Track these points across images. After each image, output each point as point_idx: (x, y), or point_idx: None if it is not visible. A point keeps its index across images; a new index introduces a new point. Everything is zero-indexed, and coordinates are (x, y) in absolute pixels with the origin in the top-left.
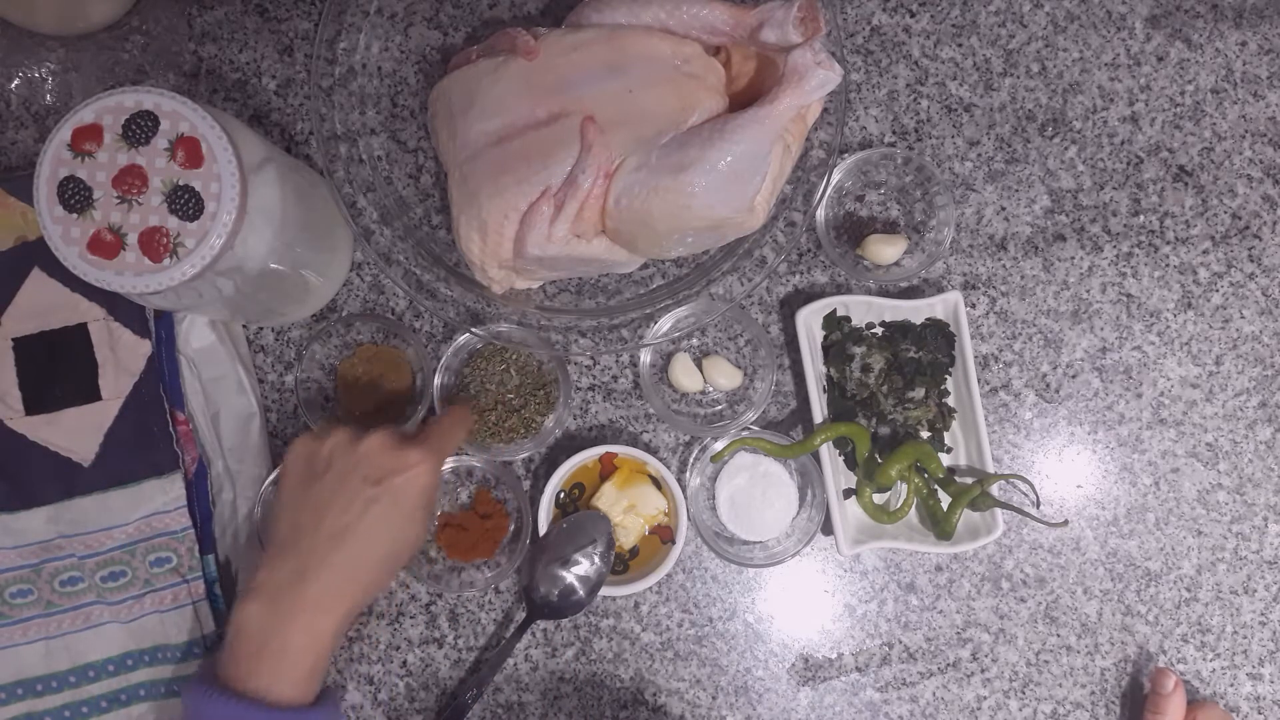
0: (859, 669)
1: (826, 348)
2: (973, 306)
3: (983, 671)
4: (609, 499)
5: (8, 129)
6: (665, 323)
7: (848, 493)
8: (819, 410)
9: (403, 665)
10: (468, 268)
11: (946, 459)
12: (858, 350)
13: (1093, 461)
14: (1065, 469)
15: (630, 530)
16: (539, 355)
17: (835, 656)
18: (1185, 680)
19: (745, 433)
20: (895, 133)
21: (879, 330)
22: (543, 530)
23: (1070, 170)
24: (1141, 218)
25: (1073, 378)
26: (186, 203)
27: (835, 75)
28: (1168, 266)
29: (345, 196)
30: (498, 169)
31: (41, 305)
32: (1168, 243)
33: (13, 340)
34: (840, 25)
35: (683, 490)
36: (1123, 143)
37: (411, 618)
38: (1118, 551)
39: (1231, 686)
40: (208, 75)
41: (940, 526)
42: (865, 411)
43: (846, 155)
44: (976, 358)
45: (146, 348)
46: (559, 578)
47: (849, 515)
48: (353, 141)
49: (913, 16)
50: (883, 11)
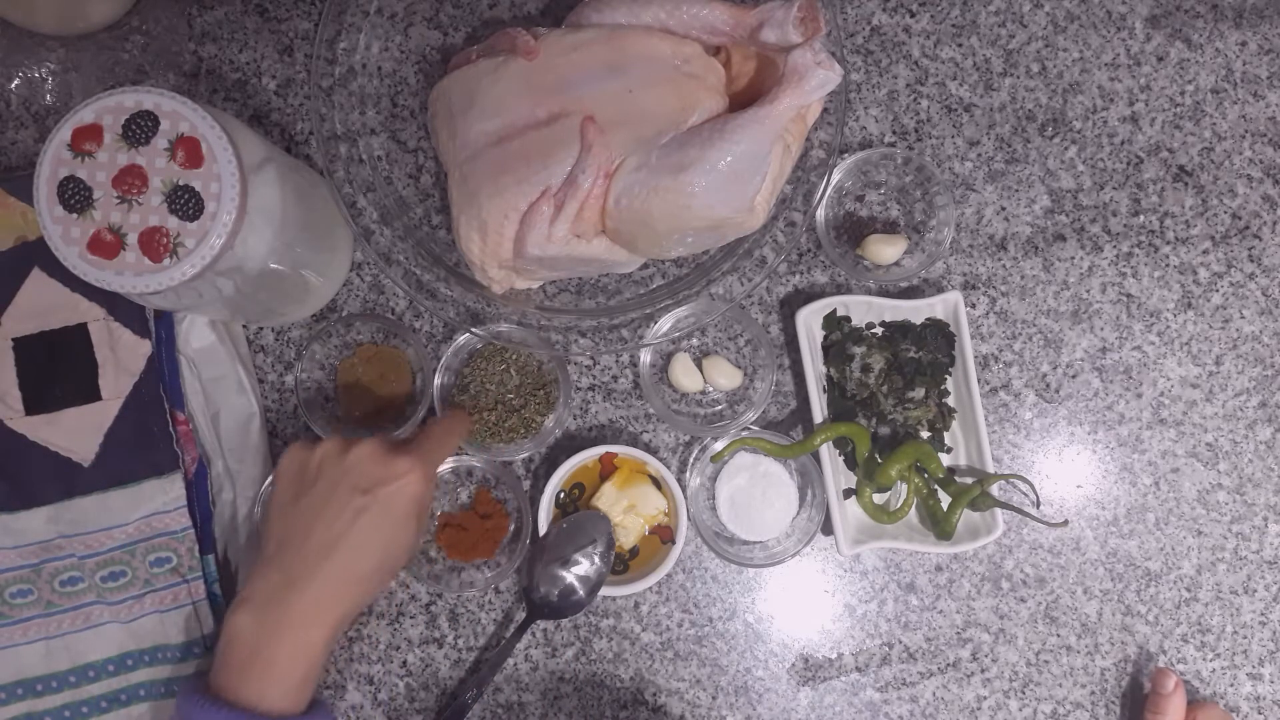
0: (859, 669)
1: (826, 348)
2: (973, 306)
3: (983, 671)
4: (609, 499)
5: (8, 129)
6: (665, 323)
7: (848, 493)
8: (819, 410)
9: (403, 665)
10: (468, 268)
11: (946, 459)
12: (858, 350)
13: (1093, 461)
14: (1065, 469)
15: (630, 530)
16: (539, 355)
17: (835, 656)
18: (1185, 680)
19: (745, 433)
20: (895, 133)
21: (879, 330)
22: (543, 530)
23: (1070, 170)
24: (1141, 218)
25: (1073, 378)
26: (186, 203)
27: (835, 75)
28: (1168, 266)
29: (345, 196)
30: (498, 169)
31: (41, 305)
32: (1168, 243)
33: (13, 340)
34: (840, 25)
35: (683, 490)
36: (1123, 143)
37: (411, 618)
38: (1118, 551)
39: (1231, 686)
40: (208, 75)
41: (940, 526)
42: (865, 411)
43: (846, 155)
44: (976, 358)
45: (146, 348)
46: (559, 578)
47: (849, 515)
48: (353, 141)
49: (913, 16)
50: (883, 11)
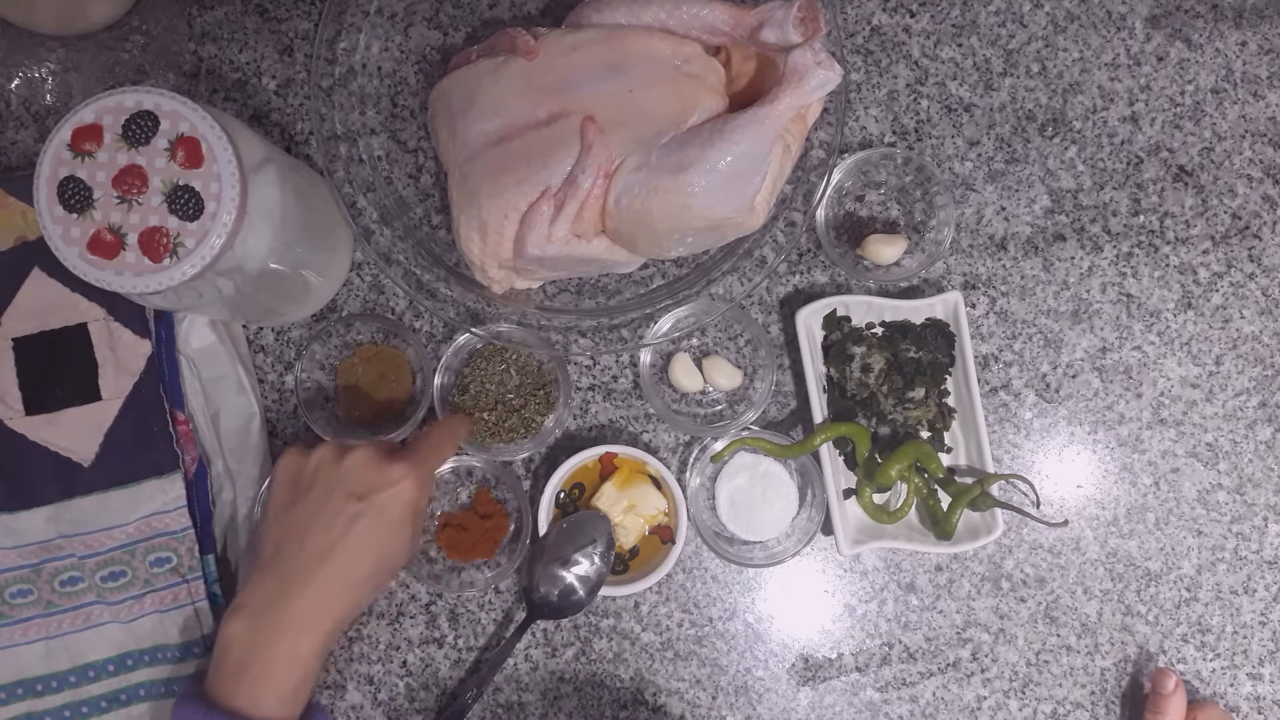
0: (859, 669)
1: (826, 348)
2: (973, 306)
3: (983, 671)
4: (609, 499)
5: (8, 129)
6: (665, 323)
7: (848, 493)
8: (819, 410)
9: (403, 665)
10: (468, 268)
11: (946, 459)
12: (858, 350)
13: (1093, 461)
14: (1065, 469)
15: (630, 530)
16: (539, 355)
17: (835, 656)
18: (1185, 680)
19: (745, 433)
20: (895, 133)
21: (879, 330)
22: (543, 530)
23: (1070, 170)
24: (1141, 218)
25: (1073, 378)
26: (186, 203)
27: (835, 75)
28: (1168, 266)
29: (345, 196)
30: (498, 169)
31: (41, 305)
32: (1168, 243)
33: (13, 340)
34: (840, 25)
35: (683, 490)
36: (1123, 143)
37: (411, 618)
38: (1118, 551)
39: (1231, 686)
40: (208, 75)
41: (940, 526)
42: (865, 411)
43: (846, 155)
44: (976, 358)
45: (146, 348)
46: (559, 578)
47: (849, 515)
48: (353, 141)
49: (913, 16)
50: (883, 11)
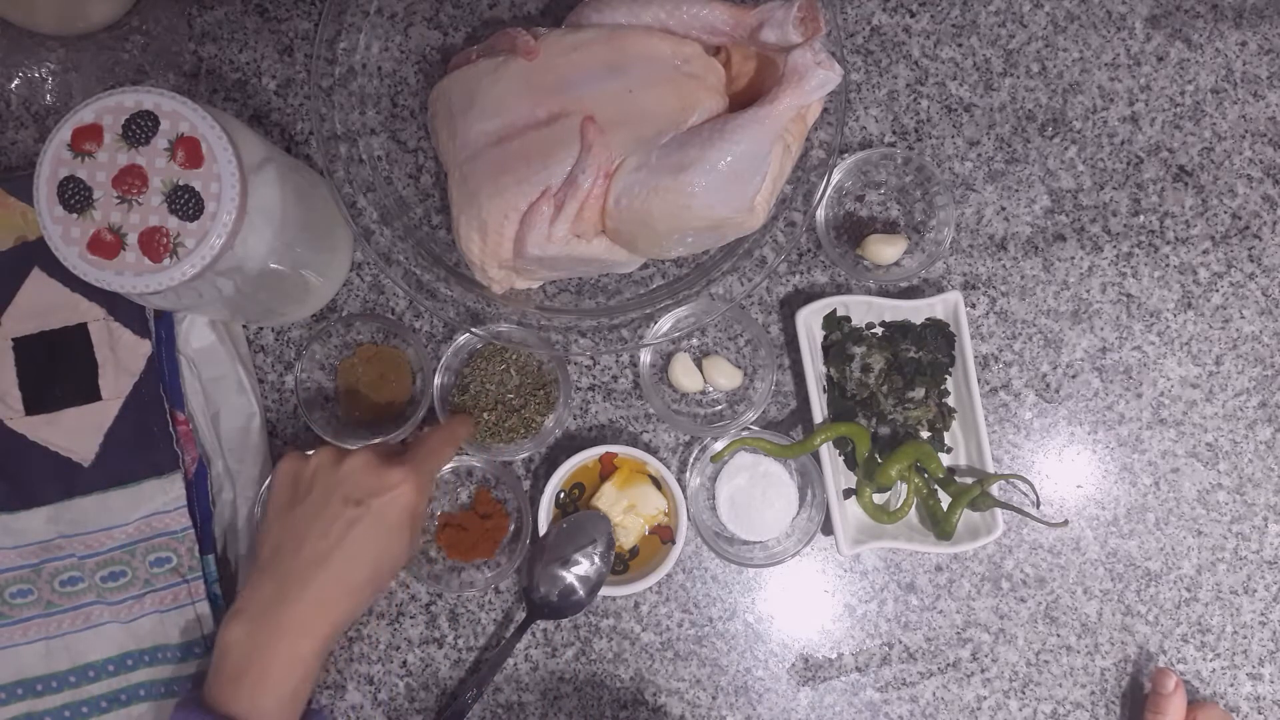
0: (859, 669)
1: (826, 348)
2: (973, 306)
3: (983, 671)
4: (609, 499)
5: (8, 129)
6: (665, 323)
7: (848, 493)
8: (819, 410)
9: (403, 665)
10: (468, 268)
11: (946, 459)
12: (858, 350)
13: (1093, 461)
14: (1065, 469)
15: (630, 530)
16: (539, 355)
17: (835, 656)
18: (1185, 680)
19: (745, 433)
20: (895, 133)
21: (879, 330)
22: (543, 530)
23: (1070, 170)
24: (1141, 218)
25: (1073, 378)
26: (186, 203)
27: (835, 75)
28: (1168, 266)
29: (345, 196)
30: (498, 169)
31: (41, 305)
32: (1168, 243)
33: (13, 340)
34: (840, 25)
35: (683, 490)
36: (1123, 143)
37: (411, 618)
38: (1118, 551)
39: (1231, 686)
40: (208, 75)
41: (940, 526)
42: (865, 411)
43: (846, 155)
44: (976, 358)
45: (146, 348)
46: (559, 578)
47: (849, 515)
48: (353, 141)
49: (913, 16)
50: (883, 11)
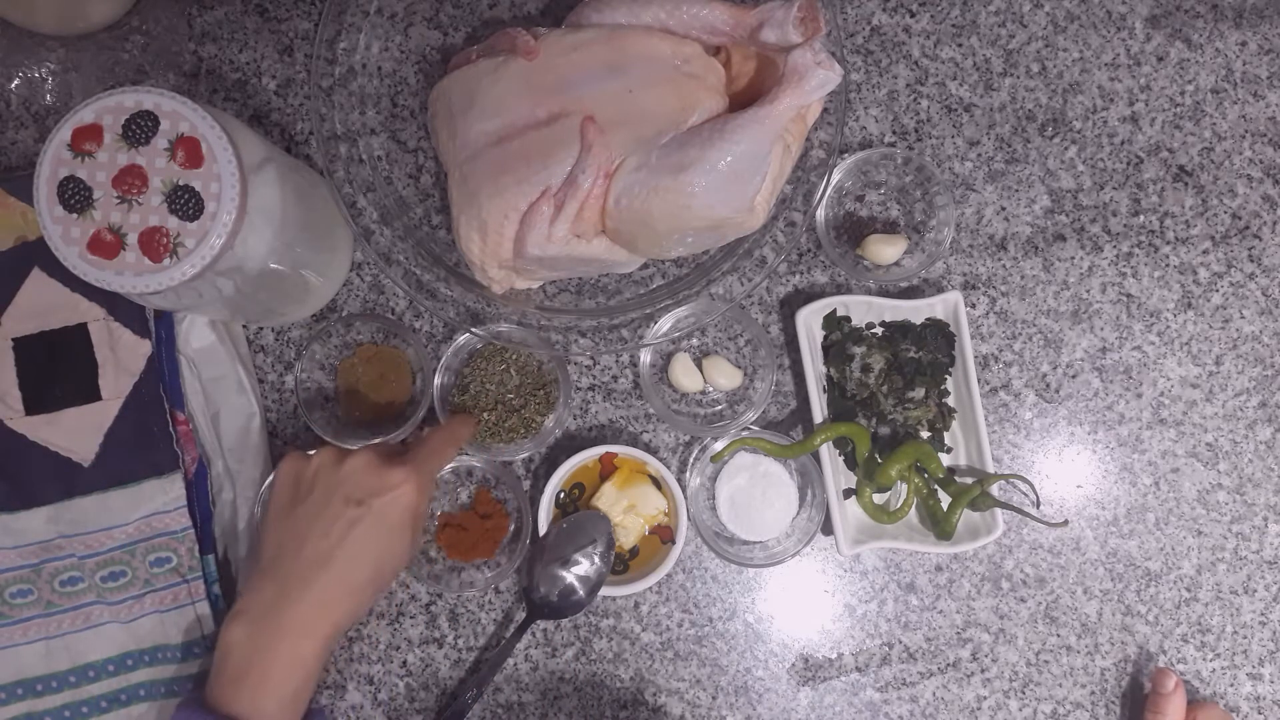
0: (859, 669)
1: (826, 348)
2: (973, 306)
3: (983, 671)
4: (609, 499)
5: (8, 129)
6: (665, 323)
7: (848, 493)
8: (819, 410)
9: (403, 665)
10: (468, 268)
11: (946, 459)
12: (858, 350)
13: (1093, 461)
14: (1065, 469)
15: (630, 530)
16: (539, 355)
17: (835, 656)
18: (1185, 680)
19: (745, 433)
20: (895, 133)
21: (879, 330)
22: (543, 530)
23: (1070, 170)
24: (1141, 218)
25: (1073, 378)
26: (186, 203)
27: (835, 75)
28: (1168, 266)
29: (345, 196)
30: (498, 169)
31: (41, 305)
32: (1168, 243)
33: (13, 340)
34: (840, 25)
35: (683, 490)
36: (1123, 143)
37: (411, 618)
38: (1118, 551)
39: (1231, 686)
40: (208, 75)
41: (940, 526)
42: (865, 411)
43: (846, 155)
44: (976, 358)
45: (146, 348)
46: (559, 578)
47: (849, 515)
48: (353, 141)
49: (913, 16)
50: (883, 11)
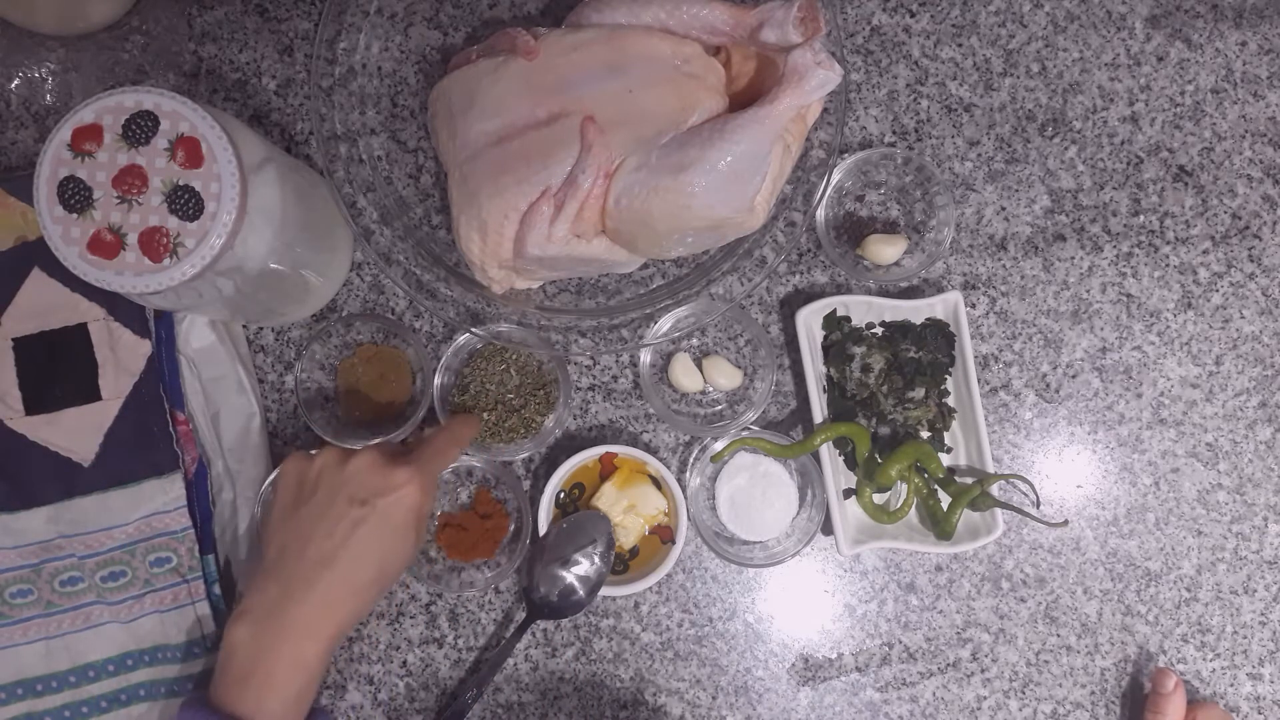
0: (859, 669)
1: (826, 348)
2: (973, 306)
3: (983, 671)
4: (609, 499)
5: (8, 129)
6: (665, 323)
7: (848, 493)
8: (819, 410)
9: (403, 665)
10: (468, 268)
11: (946, 459)
12: (858, 350)
13: (1093, 461)
14: (1065, 469)
15: (630, 530)
16: (539, 355)
17: (835, 656)
18: (1185, 680)
19: (745, 433)
20: (895, 133)
21: (879, 330)
22: (543, 530)
23: (1070, 170)
24: (1141, 218)
25: (1073, 378)
26: (186, 203)
27: (835, 75)
28: (1168, 266)
29: (345, 196)
30: (498, 169)
31: (41, 305)
32: (1168, 243)
33: (13, 340)
34: (840, 25)
35: (683, 490)
36: (1123, 143)
37: (411, 618)
38: (1118, 551)
39: (1231, 686)
40: (208, 75)
41: (940, 526)
42: (865, 411)
43: (846, 155)
44: (976, 358)
45: (146, 348)
46: (559, 578)
47: (849, 515)
48: (353, 141)
49: (913, 16)
50: (883, 11)
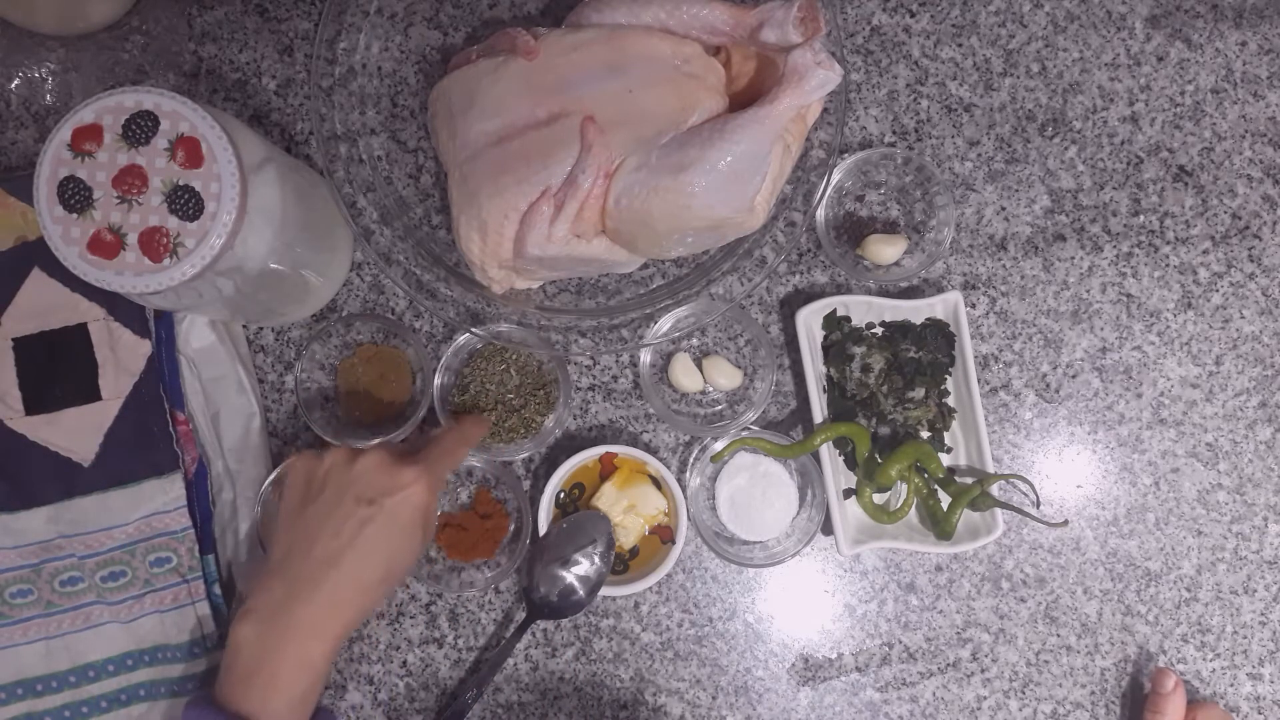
0: (859, 669)
1: (826, 348)
2: (973, 306)
3: (983, 671)
4: (609, 499)
5: (8, 129)
6: (665, 323)
7: (848, 493)
8: (819, 410)
9: (403, 665)
10: (468, 268)
11: (946, 459)
12: (858, 350)
13: (1093, 461)
14: (1065, 469)
15: (630, 530)
16: (539, 355)
17: (835, 656)
18: (1185, 680)
19: (745, 433)
20: (895, 133)
21: (879, 330)
22: (543, 530)
23: (1070, 170)
24: (1141, 218)
25: (1073, 378)
26: (186, 203)
27: (835, 75)
28: (1168, 266)
29: (345, 196)
30: (498, 169)
31: (41, 305)
32: (1168, 243)
33: (13, 340)
34: (840, 25)
35: (683, 490)
36: (1123, 143)
37: (411, 618)
38: (1118, 551)
39: (1231, 686)
40: (208, 75)
41: (940, 526)
42: (865, 411)
43: (846, 155)
44: (976, 358)
45: (146, 348)
46: (559, 578)
47: (849, 515)
48: (353, 141)
49: (913, 16)
50: (883, 11)
